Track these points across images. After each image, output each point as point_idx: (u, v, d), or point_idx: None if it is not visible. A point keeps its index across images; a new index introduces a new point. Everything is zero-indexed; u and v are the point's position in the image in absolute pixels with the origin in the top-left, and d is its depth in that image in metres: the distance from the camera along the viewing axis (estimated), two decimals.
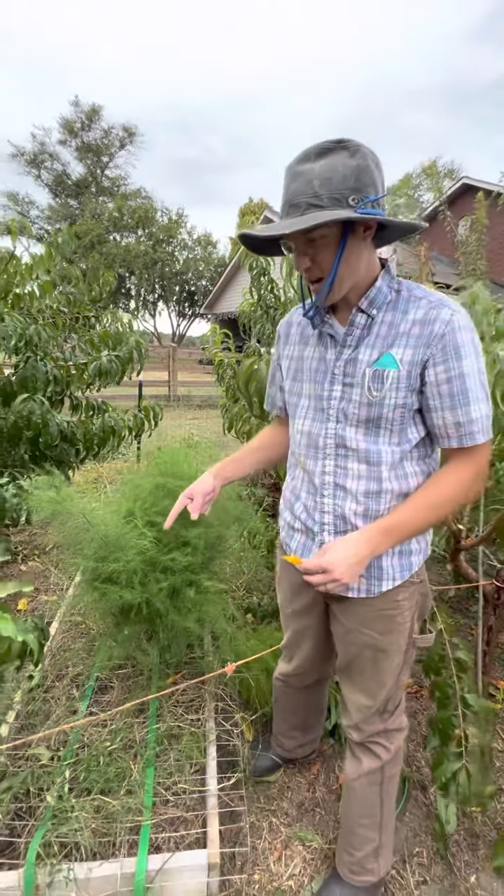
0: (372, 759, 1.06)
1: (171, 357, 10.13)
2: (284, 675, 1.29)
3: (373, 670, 1.00)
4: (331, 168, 0.76)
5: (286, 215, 0.80)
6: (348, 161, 0.76)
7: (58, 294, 2.83)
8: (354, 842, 1.09)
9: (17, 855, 1.08)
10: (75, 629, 1.84)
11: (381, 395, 0.86)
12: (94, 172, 29.20)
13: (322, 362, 0.95)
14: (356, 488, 0.91)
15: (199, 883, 1.07)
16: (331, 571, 0.83)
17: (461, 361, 0.81)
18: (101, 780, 1.22)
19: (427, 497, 0.87)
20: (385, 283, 0.88)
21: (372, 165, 0.78)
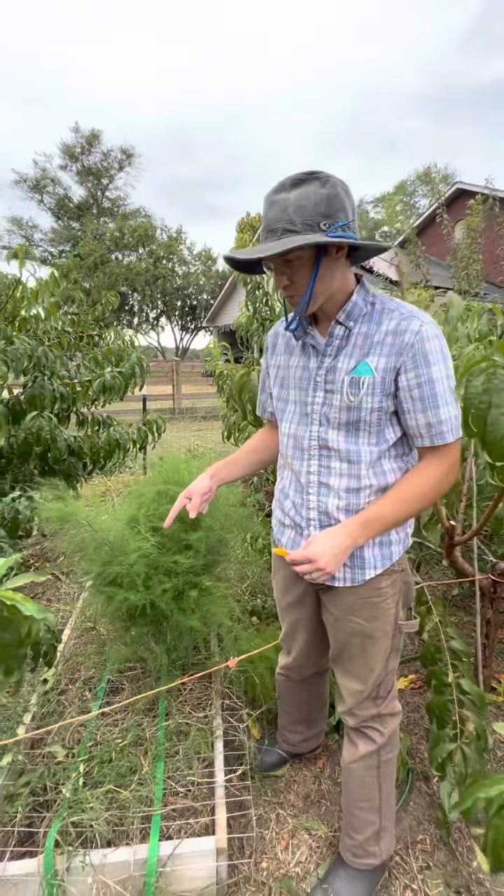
0: (367, 742, 1.12)
1: (175, 371, 10.29)
2: (285, 669, 1.36)
3: (362, 656, 1.07)
4: (304, 197, 0.84)
5: (265, 239, 0.89)
6: (320, 190, 0.85)
7: (62, 315, 2.96)
8: (355, 824, 1.14)
9: (36, 844, 1.15)
10: (87, 635, 1.91)
11: (358, 400, 0.94)
12: (95, 194, 29.96)
13: (305, 370, 1.03)
14: (338, 485, 0.99)
15: (208, 868, 1.12)
16: (315, 561, 0.90)
17: (430, 368, 0.90)
18: (114, 773, 1.28)
19: (403, 492, 0.94)
20: (360, 297, 0.97)
21: (342, 193, 0.87)
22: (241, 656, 1.31)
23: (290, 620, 1.25)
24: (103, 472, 2.72)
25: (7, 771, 1.29)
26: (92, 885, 1.05)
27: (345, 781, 1.17)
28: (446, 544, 1.82)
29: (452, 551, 1.82)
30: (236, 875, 1.20)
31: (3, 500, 1.79)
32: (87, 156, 28.86)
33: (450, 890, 1.20)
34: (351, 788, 1.15)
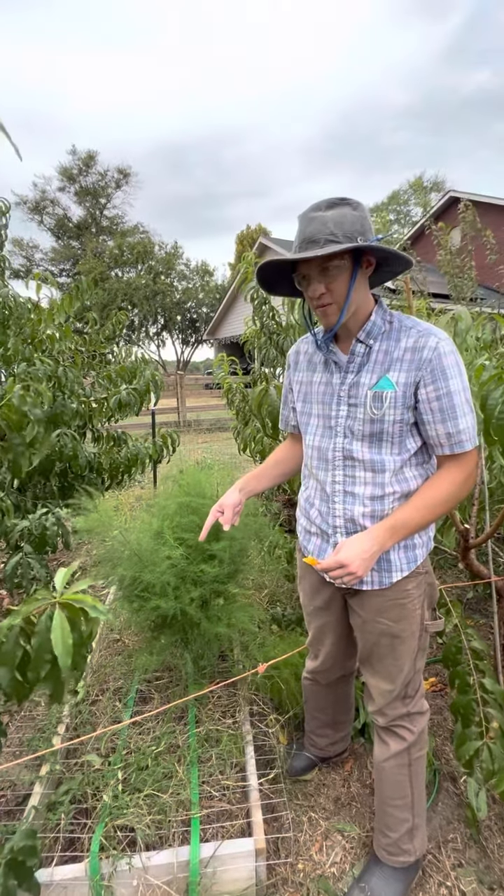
0: (398, 741, 1.16)
1: (179, 384, 10.41)
2: (312, 673, 1.40)
3: (391, 656, 1.11)
4: (341, 215, 0.93)
5: (305, 249, 0.94)
6: (353, 212, 0.95)
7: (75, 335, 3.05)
8: (389, 823, 1.17)
9: (79, 849, 1.18)
10: (113, 646, 1.95)
11: (382, 413, 1.00)
12: (94, 213, 30.53)
13: (329, 386, 1.09)
14: (363, 493, 1.05)
15: (248, 868, 1.15)
16: (346, 566, 0.94)
17: (448, 382, 0.96)
18: (150, 779, 1.32)
19: (425, 498, 0.99)
20: (379, 316, 1.03)
21: (368, 218, 0.97)
22: (268, 662, 1.36)
23: (317, 625, 1.29)
24: (119, 487, 2.78)
25: (46, 781, 1.33)
26: (138, 887, 1.09)
27: (377, 780, 1.21)
28: (461, 547, 1.86)
29: (468, 554, 1.86)
30: (274, 876, 1.23)
31: (31, 517, 1.85)
32: (84, 176, 29.50)
33: (483, 887, 1.22)
34: (384, 787, 1.18)
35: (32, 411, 1.14)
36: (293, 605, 2.22)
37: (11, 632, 0.84)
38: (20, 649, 0.84)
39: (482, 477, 1.87)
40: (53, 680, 0.84)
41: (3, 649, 0.83)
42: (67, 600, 0.83)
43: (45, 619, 0.81)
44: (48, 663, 0.82)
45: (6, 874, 0.95)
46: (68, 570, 0.85)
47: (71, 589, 0.83)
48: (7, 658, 0.83)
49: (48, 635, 0.79)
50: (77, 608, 0.79)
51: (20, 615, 0.84)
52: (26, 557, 1.76)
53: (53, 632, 0.79)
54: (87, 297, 2.58)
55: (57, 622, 0.79)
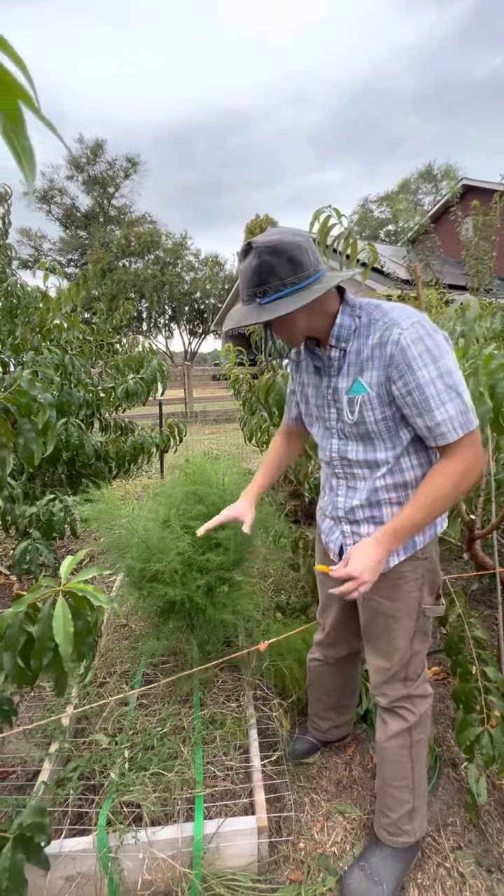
0: (399, 721, 1.18)
1: (186, 375, 10.41)
2: (319, 647, 1.43)
3: (386, 634, 1.14)
4: (243, 272, 0.96)
5: (244, 300, 1.00)
6: (251, 262, 0.94)
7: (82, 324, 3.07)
8: (389, 803, 1.19)
9: (87, 823, 1.22)
10: (120, 631, 1.99)
11: (359, 417, 1.01)
12: (102, 203, 30.37)
13: (318, 389, 1.13)
14: (361, 487, 1.09)
15: (251, 845, 1.18)
16: (357, 578, 0.96)
17: (415, 375, 0.91)
18: (156, 759, 1.35)
19: (425, 496, 0.96)
20: (346, 316, 1.01)
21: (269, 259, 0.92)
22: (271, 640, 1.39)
23: (325, 593, 1.35)
24: (126, 476, 2.80)
25: (55, 758, 1.37)
26: (143, 860, 1.12)
27: (379, 761, 1.23)
28: (466, 538, 1.86)
29: (473, 545, 1.86)
30: (276, 854, 1.26)
31: (38, 503, 1.88)
32: (92, 165, 29.30)
33: (481, 869, 1.25)
34: (385, 767, 1.20)
35: (42, 395, 1.15)
36: (297, 594, 2.23)
37: (16, 618, 0.86)
38: (24, 635, 0.86)
39: (489, 468, 1.86)
40: (56, 669, 0.85)
41: (7, 634, 0.85)
42: (71, 589, 0.84)
43: (47, 606, 0.83)
44: (51, 651, 0.83)
45: (14, 849, 0.98)
46: (74, 559, 0.86)
47: (76, 577, 0.84)
48: (11, 643, 0.85)
49: (50, 623, 0.80)
50: (81, 597, 0.81)
51: (25, 602, 0.86)
52: (35, 543, 1.79)
53: (55, 620, 0.80)
54: (93, 286, 2.59)
55: (59, 610, 0.80)
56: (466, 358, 1.40)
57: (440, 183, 23.34)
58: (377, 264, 2.02)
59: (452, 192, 8.72)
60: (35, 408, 1.12)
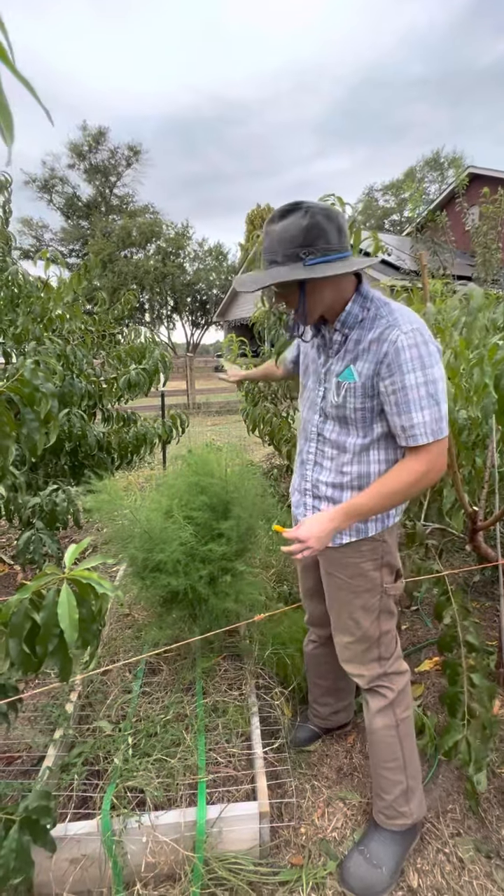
0: (379, 699, 1.22)
1: (188, 366, 10.38)
2: (310, 626, 1.48)
3: (347, 609, 1.20)
4: (286, 229, 0.95)
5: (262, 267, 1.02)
6: (300, 221, 0.94)
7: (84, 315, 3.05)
8: (384, 785, 1.22)
9: (92, 808, 1.24)
10: (123, 620, 2.01)
11: (342, 400, 1.08)
12: (103, 192, 30.06)
13: (316, 365, 1.18)
14: (328, 466, 1.16)
15: (252, 830, 1.20)
16: (304, 541, 1.06)
17: (403, 377, 0.98)
18: (159, 745, 1.37)
19: (383, 486, 1.04)
20: (357, 305, 1.06)
21: (322, 222, 0.95)
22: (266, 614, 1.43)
23: (302, 566, 1.43)
24: (129, 467, 2.81)
25: (60, 744, 1.39)
26: (147, 843, 1.14)
27: (370, 745, 1.26)
28: (469, 530, 1.86)
29: (475, 536, 1.86)
30: (277, 838, 1.28)
31: (41, 493, 1.89)
32: (94, 154, 28.97)
33: (480, 854, 1.26)
34: (375, 750, 1.23)
35: (45, 385, 1.15)
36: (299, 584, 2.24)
37: (21, 605, 0.86)
38: (29, 622, 0.87)
39: (493, 460, 1.85)
40: (61, 655, 0.86)
41: (12, 621, 0.86)
42: (75, 577, 0.85)
43: (52, 593, 0.84)
44: (56, 637, 0.84)
45: (21, 831, 1.00)
46: (78, 547, 0.87)
47: (80, 566, 0.85)
48: (16, 629, 0.86)
49: (55, 609, 0.81)
50: (85, 584, 0.81)
51: (30, 590, 0.87)
52: (38, 533, 1.80)
53: (60, 606, 0.81)
54: (94, 276, 2.57)
55: (63, 597, 0.81)
56: (471, 349, 1.39)
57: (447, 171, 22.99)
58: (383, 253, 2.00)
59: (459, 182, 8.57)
60: (38, 397, 1.12)
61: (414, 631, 2.20)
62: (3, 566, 2.81)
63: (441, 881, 1.20)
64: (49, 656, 0.83)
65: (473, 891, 1.18)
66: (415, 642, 2.10)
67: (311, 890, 1.17)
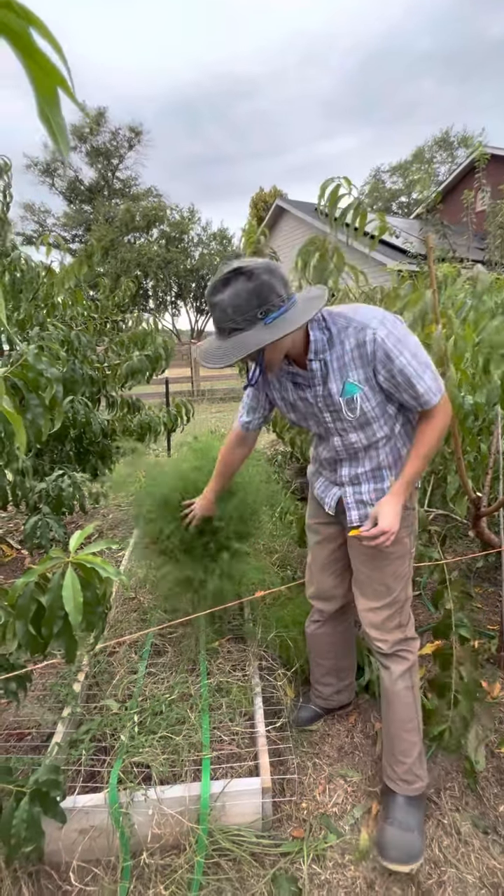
0: (402, 662, 1.27)
1: (192, 353, 10.33)
2: (313, 600, 1.51)
3: (380, 575, 1.25)
4: (236, 295, 0.96)
5: (218, 335, 1.03)
6: (247, 285, 0.95)
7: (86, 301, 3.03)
8: (405, 748, 1.25)
9: (99, 782, 1.28)
10: (129, 604, 2.04)
11: (358, 412, 1.13)
12: (106, 176, 29.61)
13: (306, 401, 1.19)
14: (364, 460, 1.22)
15: (255, 805, 1.24)
16: (388, 530, 1.10)
17: (394, 362, 1.06)
18: (165, 723, 1.40)
19: (423, 447, 1.14)
20: (317, 331, 1.09)
21: (267, 279, 0.96)
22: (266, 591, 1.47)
23: (317, 539, 1.44)
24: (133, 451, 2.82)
25: (68, 721, 1.43)
26: (153, 815, 1.18)
27: (388, 708, 1.29)
28: (472, 515, 1.86)
29: (479, 522, 1.86)
30: (279, 813, 1.32)
31: (47, 479, 1.91)
32: (95, 136, 28.45)
33: (477, 830, 1.29)
34: (396, 711, 1.27)
35: (49, 370, 1.15)
36: (303, 570, 2.27)
37: (27, 588, 0.88)
38: (34, 604, 0.89)
39: (497, 446, 1.84)
40: (67, 637, 0.89)
41: (19, 603, 0.88)
42: (80, 560, 0.87)
43: (57, 577, 0.85)
44: (60, 619, 0.86)
45: (31, 802, 1.04)
46: (83, 532, 0.88)
47: (85, 550, 0.86)
48: (22, 611, 0.88)
49: (60, 592, 0.83)
50: (89, 568, 0.83)
51: (35, 573, 0.89)
52: (45, 518, 1.82)
53: (65, 590, 0.82)
54: (96, 262, 2.55)
55: (68, 581, 0.83)
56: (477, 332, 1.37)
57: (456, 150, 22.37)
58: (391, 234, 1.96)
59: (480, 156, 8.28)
60: (42, 382, 1.13)
61: (416, 615, 2.22)
62: (11, 551, 2.86)
63: (438, 854, 1.23)
64: (54, 638, 0.85)
65: (470, 863, 1.21)
66: (417, 626, 2.12)
67: (311, 861, 1.21)
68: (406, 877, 1.18)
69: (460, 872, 1.19)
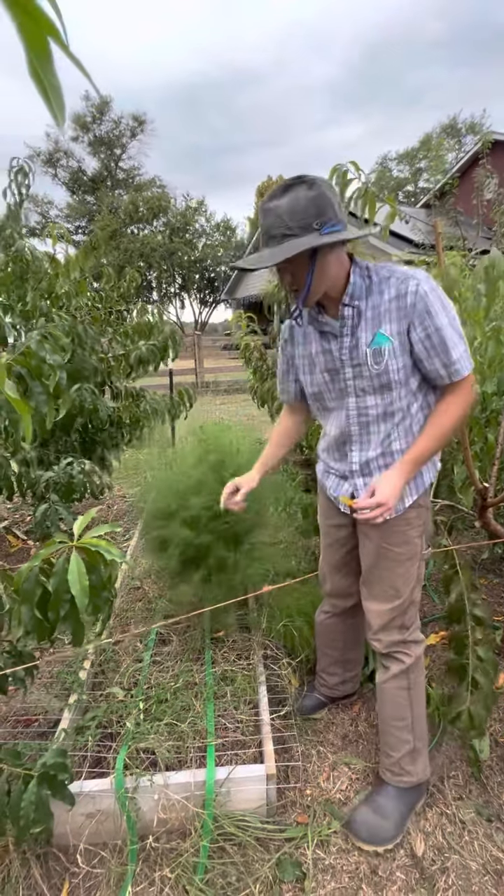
0: (397, 663, 1.25)
1: (197, 345, 10.30)
2: (327, 598, 1.49)
3: (389, 577, 1.21)
4: (294, 202, 0.95)
5: (265, 244, 1.00)
6: (308, 193, 0.95)
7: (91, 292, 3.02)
8: (392, 743, 1.26)
9: (107, 767, 1.30)
10: (134, 593, 2.05)
11: (384, 367, 1.08)
12: (109, 166, 29.35)
13: (329, 354, 1.15)
14: (376, 440, 1.16)
15: (259, 791, 1.25)
16: (384, 504, 1.05)
17: (434, 319, 1.02)
18: (170, 711, 1.41)
19: (440, 426, 1.09)
20: (357, 276, 1.07)
21: (327, 193, 0.96)
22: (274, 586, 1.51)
23: (328, 541, 1.41)
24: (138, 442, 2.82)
25: (74, 708, 1.45)
26: (159, 800, 1.19)
27: (380, 702, 1.30)
28: (479, 506, 1.85)
29: (485, 513, 1.85)
30: (283, 799, 1.33)
31: (55, 467, 1.91)
32: (98, 125, 28.16)
33: (481, 818, 1.30)
34: (385, 707, 1.27)
35: (52, 357, 1.15)
36: (307, 560, 2.27)
37: (32, 572, 0.88)
38: (40, 588, 0.89)
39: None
40: (73, 620, 0.89)
41: (24, 587, 0.88)
42: (84, 544, 0.87)
43: (62, 561, 0.85)
44: (67, 602, 0.87)
45: (39, 785, 1.05)
46: (86, 517, 0.88)
47: (88, 534, 0.86)
48: (28, 596, 0.88)
49: (65, 576, 0.83)
50: (94, 552, 0.83)
51: (40, 557, 0.89)
52: (54, 506, 1.82)
53: (70, 573, 0.83)
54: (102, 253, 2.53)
55: (73, 564, 0.83)
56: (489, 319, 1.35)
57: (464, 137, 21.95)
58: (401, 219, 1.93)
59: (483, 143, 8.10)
60: (45, 370, 1.12)
61: (421, 606, 2.21)
62: (17, 541, 2.88)
63: (442, 841, 1.24)
64: (61, 621, 0.85)
65: (473, 850, 1.22)
66: (421, 617, 2.12)
67: (315, 846, 1.22)
68: (410, 862, 1.19)
69: (463, 859, 1.20)
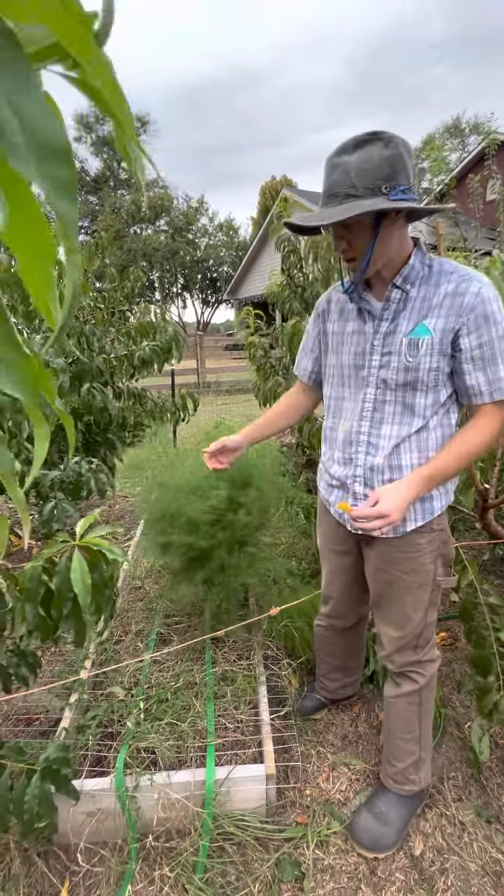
0: (410, 683, 1.21)
1: (199, 345, 10.31)
2: (326, 618, 1.45)
3: (399, 605, 1.14)
4: (366, 159, 0.85)
5: (325, 204, 0.91)
6: (382, 151, 0.85)
7: (93, 292, 3.03)
8: (397, 754, 1.25)
9: (107, 766, 1.30)
10: (135, 593, 2.06)
11: (417, 361, 0.97)
12: (111, 166, 29.42)
13: (361, 335, 1.06)
14: (386, 445, 1.04)
15: (259, 791, 1.25)
16: (387, 516, 0.94)
17: (490, 329, 0.93)
18: (170, 710, 1.42)
19: (465, 445, 0.98)
20: (418, 259, 0.98)
21: (404, 154, 0.87)
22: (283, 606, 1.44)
23: (330, 568, 1.33)
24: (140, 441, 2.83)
25: (75, 707, 1.45)
26: (159, 800, 1.20)
27: (387, 714, 1.27)
28: (480, 507, 1.85)
29: (486, 514, 1.85)
30: (283, 799, 1.33)
31: (62, 466, 1.92)
32: (101, 125, 28.21)
33: (481, 819, 1.30)
34: (393, 721, 1.25)
35: (55, 360, 1.15)
36: (308, 560, 2.27)
37: (35, 571, 0.89)
38: (43, 586, 0.90)
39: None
40: (76, 619, 0.90)
41: (27, 586, 0.89)
42: (86, 543, 0.87)
43: (64, 560, 0.86)
44: (69, 601, 0.87)
45: (42, 779, 1.06)
46: (89, 518, 0.89)
47: (90, 534, 0.87)
48: (31, 594, 0.89)
49: (68, 575, 0.84)
50: (96, 551, 0.84)
51: (43, 557, 0.90)
52: (60, 503, 1.83)
53: (72, 572, 0.83)
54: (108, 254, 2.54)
55: (76, 563, 0.84)
56: None
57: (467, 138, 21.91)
58: None
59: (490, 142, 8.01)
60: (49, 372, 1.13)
61: None
62: (19, 541, 2.89)
63: (442, 842, 1.24)
64: (64, 620, 0.86)
65: (473, 851, 1.22)
66: None
67: (315, 846, 1.22)
68: (409, 863, 1.19)
69: (463, 860, 1.20)
